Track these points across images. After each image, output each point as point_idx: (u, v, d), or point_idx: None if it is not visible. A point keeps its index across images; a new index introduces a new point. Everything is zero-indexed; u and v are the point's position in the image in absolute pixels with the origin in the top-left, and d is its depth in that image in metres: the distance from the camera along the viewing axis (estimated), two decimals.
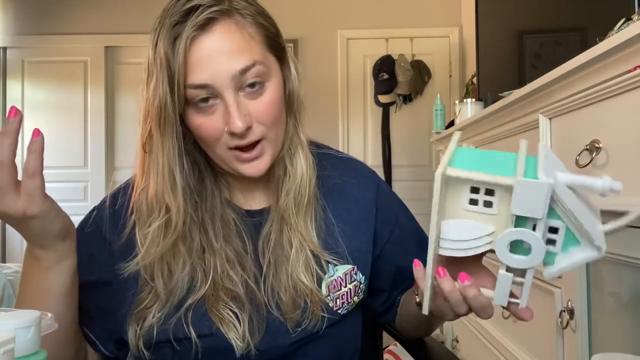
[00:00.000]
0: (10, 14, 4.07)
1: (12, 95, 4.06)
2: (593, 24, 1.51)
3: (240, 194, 0.82)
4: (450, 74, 3.94)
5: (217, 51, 0.67)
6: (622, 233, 0.95)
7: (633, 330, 0.98)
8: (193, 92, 0.68)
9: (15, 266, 2.37)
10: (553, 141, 1.20)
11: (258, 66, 0.69)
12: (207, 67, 0.67)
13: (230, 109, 0.67)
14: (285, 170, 0.78)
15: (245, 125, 0.68)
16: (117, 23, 4.03)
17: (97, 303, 0.76)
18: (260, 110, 0.70)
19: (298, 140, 0.79)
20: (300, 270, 0.75)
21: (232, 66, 0.67)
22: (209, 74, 0.67)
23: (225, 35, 0.68)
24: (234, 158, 0.72)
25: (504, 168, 0.50)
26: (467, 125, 2.00)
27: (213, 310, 0.72)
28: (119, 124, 4.11)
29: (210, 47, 0.67)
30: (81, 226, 0.80)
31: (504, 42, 2.32)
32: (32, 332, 0.45)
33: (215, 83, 0.67)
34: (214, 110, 0.69)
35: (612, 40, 0.92)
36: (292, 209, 0.77)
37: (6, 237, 4.05)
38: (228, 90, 0.68)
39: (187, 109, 0.70)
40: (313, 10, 3.92)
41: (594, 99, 1.00)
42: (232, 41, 0.68)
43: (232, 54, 0.67)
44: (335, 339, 0.80)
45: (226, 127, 0.69)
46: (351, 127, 4.01)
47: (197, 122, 0.70)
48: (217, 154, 0.73)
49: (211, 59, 0.67)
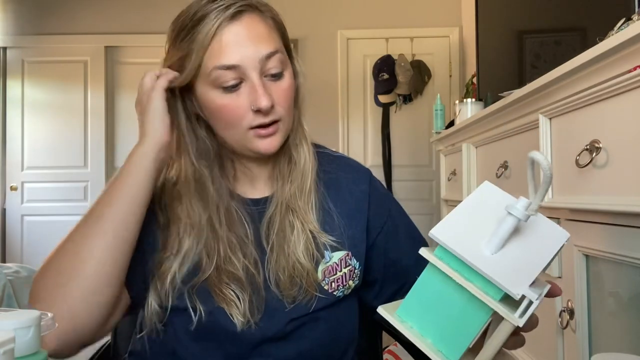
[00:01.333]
0: (10, 14, 4.07)
1: (12, 95, 4.06)
2: (593, 24, 1.51)
3: (245, 184, 0.86)
4: (450, 74, 3.95)
5: (245, 37, 0.75)
6: (622, 233, 0.96)
7: (633, 330, 0.98)
8: (222, 74, 0.74)
9: (15, 266, 2.37)
10: (553, 141, 1.20)
11: (279, 54, 0.77)
12: (237, 50, 0.74)
13: (258, 88, 0.74)
14: (290, 158, 0.84)
15: (270, 103, 0.75)
16: (117, 23, 4.03)
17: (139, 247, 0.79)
18: (280, 93, 0.77)
19: (302, 131, 0.85)
20: (299, 251, 0.79)
21: (259, 50, 0.75)
22: (239, 56, 0.74)
23: (252, 24, 0.76)
24: (253, 136, 0.78)
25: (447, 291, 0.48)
26: (467, 125, 2.00)
27: (216, 290, 0.77)
28: (119, 124, 4.11)
29: (239, 33, 0.75)
30: None
31: (504, 42, 2.32)
32: (32, 332, 0.45)
33: (244, 64, 0.74)
34: (239, 92, 0.76)
35: (612, 40, 0.92)
36: (297, 194, 0.82)
37: (6, 237, 4.06)
38: (254, 72, 0.75)
39: (210, 92, 0.76)
40: (313, 10, 3.92)
41: (594, 99, 1.00)
42: (258, 29, 0.76)
43: (259, 40, 0.75)
44: (331, 323, 0.84)
45: (252, 106, 0.75)
46: (351, 127, 4.01)
47: (221, 102, 0.76)
48: (236, 135, 0.78)
49: (240, 43, 0.74)
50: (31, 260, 3.80)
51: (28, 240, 4.04)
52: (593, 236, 1.06)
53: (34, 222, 4.05)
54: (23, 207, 4.06)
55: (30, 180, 4.05)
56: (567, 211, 1.16)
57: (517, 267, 0.47)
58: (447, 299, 0.48)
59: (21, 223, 4.05)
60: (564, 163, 1.13)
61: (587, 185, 1.03)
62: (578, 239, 1.12)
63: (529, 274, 0.46)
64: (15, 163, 4.06)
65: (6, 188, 4.06)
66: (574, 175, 1.08)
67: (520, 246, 0.49)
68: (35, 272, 2.32)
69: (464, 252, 0.46)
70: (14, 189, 4.05)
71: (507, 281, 0.45)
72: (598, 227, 1.04)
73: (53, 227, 4.01)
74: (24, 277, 2.24)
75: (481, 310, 0.47)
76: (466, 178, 2.00)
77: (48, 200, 4.03)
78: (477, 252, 0.47)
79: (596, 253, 1.06)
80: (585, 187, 1.04)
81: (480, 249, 0.47)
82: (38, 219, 4.05)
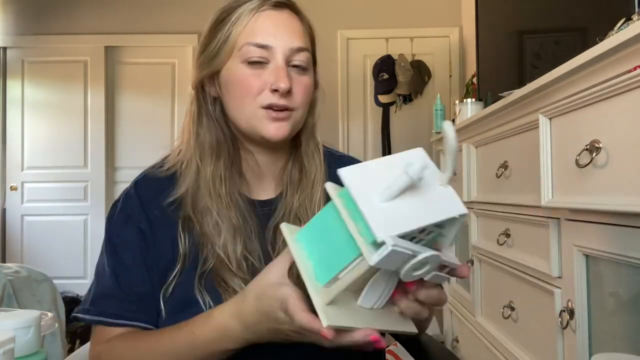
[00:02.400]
0: (10, 14, 4.07)
1: (12, 95, 4.07)
2: (593, 24, 1.51)
3: (253, 183, 0.87)
4: (450, 74, 3.94)
5: (283, 25, 0.80)
6: (622, 233, 0.96)
7: (633, 330, 0.98)
8: (252, 50, 0.78)
9: (15, 266, 2.37)
10: (553, 141, 1.20)
11: (307, 53, 0.82)
12: (272, 33, 0.78)
13: (281, 70, 0.78)
14: (301, 169, 0.85)
15: (289, 86, 0.77)
16: (117, 23, 4.03)
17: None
18: (300, 86, 0.81)
19: (315, 142, 0.88)
20: None
21: (292, 41, 0.79)
22: (272, 38, 0.78)
23: (291, 19, 0.81)
24: (263, 116, 0.79)
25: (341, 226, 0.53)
26: (467, 125, 2.00)
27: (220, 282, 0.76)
28: (119, 124, 4.11)
29: (278, 20, 0.80)
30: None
31: (504, 42, 2.32)
32: (32, 332, 0.46)
33: (275, 46, 0.78)
34: (263, 70, 0.79)
35: (612, 40, 0.92)
36: (306, 204, 0.83)
37: (6, 237, 4.06)
38: (282, 56, 0.78)
39: (235, 65, 0.79)
40: (313, 10, 3.87)
41: (594, 99, 1.00)
42: (295, 25, 0.81)
43: (294, 33, 0.80)
44: None
45: (272, 84, 0.77)
46: (351, 127, 4.01)
47: (244, 73, 0.79)
48: (248, 111, 0.80)
49: (277, 28, 0.79)
50: (31, 260, 3.80)
51: (28, 240, 4.04)
52: (593, 236, 1.06)
53: (34, 222, 4.05)
54: (23, 207, 4.06)
55: (30, 180, 4.05)
56: (567, 211, 1.16)
57: (395, 219, 0.49)
58: (334, 231, 0.54)
59: (21, 223, 4.05)
60: (564, 163, 1.13)
61: (587, 185, 1.03)
62: (578, 239, 1.12)
63: (401, 226, 0.49)
64: (15, 163, 4.06)
65: (6, 188, 4.06)
66: (574, 175, 1.08)
67: (410, 205, 0.51)
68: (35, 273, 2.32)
69: (357, 193, 0.50)
70: (14, 189, 4.05)
71: (378, 225, 0.48)
72: (598, 227, 1.04)
73: (53, 227, 4.01)
74: (24, 277, 2.24)
75: (355, 246, 0.51)
76: (466, 178, 2.00)
77: (48, 200, 4.03)
78: (368, 197, 0.50)
79: (596, 253, 1.06)
80: (585, 187, 1.04)
81: (373, 196, 0.51)
82: (38, 219, 4.05)
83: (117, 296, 0.79)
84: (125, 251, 0.81)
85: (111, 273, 0.80)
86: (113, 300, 0.79)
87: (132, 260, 0.80)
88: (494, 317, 1.75)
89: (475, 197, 1.93)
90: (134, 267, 0.80)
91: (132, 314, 0.78)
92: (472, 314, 1.99)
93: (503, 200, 1.60)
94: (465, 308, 2.12)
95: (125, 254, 0.80)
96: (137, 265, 0.80)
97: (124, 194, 0.86)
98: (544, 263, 1.29)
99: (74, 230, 3.99)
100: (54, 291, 2.33)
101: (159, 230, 0.81)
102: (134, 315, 0.78)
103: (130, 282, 0.79)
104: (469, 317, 2.03)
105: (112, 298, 0.79)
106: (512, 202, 1.51)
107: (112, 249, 0.82)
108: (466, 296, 2.09)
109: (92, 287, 0.82)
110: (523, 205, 1.43)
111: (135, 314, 0.78)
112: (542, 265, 1.29)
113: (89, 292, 0.82)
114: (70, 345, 2.79)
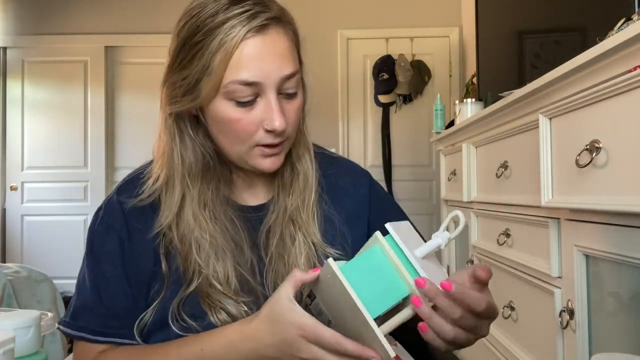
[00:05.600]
0: (10, 14, 4.07)
1: (12, 95, 4.07)
2: (593, 24, 1.51)
3: (243, 190, 0.84)
4: (450, 74, 3.94)
5: (270, 53, 0.70)
6: (622, 233, 0.96)
7: (633, 330, 0.98)
8: (238, 87, 0.70)
9: (15, 266, 2.37)
10: (553, 141, 1.20)
11: (297, 75, 0.74)
12: (259, 66, 0.70)
13: (275, 107, 0.71)
14: (292, 170, 0.82)
15: (284, 125, 0.72)
16: (117, 23, 4.03)
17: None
18: (292, 113, 0.75)
19: (306, 144, 0.83)
20: (301, 263, 0.77)
21: (281, 70, 0.71)
22: (260, 73, 0.70)
23: (277, 40, 0.71)
24: (257, 154, 0.75)
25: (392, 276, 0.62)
26: (467, 125, 2.00)
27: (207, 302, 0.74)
28: (119, 124, 4.11)
29: (263, 49, 0.70)
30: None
31: (504, 42, 2.32)
32: (32, 332, 0.46)
33: (264, 82, 0.70)
34: (253, 107, 0.72)
35: (612, 40, 0.92)
36: (299, 206, 0.80)
37: (6, 237, 4.06)
38: (272, 90, 0.71)
39: (222, 104, 0.72)
40: (313, 10, 3.91)
41: (594, 99, 1.00)
42: (283, 47, 0.72)
43: (282, 58, 0.71)
44: None
45: (265, 124, 0.72)
46: (351, 127, 4.01)
47: (234, 116, 0.72)
48: (240, 150, 0.75)
49: (263, 59, 0.70)
50: (31, 260, 3.80)
51: (28, 240, 4.04)
52: (593, 236, 1.06)
53: (34, 222, 4.05)
54: (23, 207, 4.06)
55: (30, 180, 4.05)
56: (567, 211, 1.16)
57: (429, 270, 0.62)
58: (380, 271, 0.61)
59: (21, 223, 4.05)
60: (564, 163, 1.13)
61: (587, 185, 1.03)
62: (578, 239, 1.12)
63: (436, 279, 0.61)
64: (15, 163, 4.06)
65: (6, 188, 4.06)
66: (574, 175, 1.08)
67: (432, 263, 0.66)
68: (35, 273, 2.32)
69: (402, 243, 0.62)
70: (14, 189, 4.05)
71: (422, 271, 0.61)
72: (598, 227, 1.04)
73: (53, 227, 4.01)
74: (24, 277, 2.24)
75: (400, 288, 0.60)
76: (466, 178, 2.00)
77: (48, 200, 4.03)
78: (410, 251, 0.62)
79: (596, 253, 1.06)
80: (585, 187, 1.04)
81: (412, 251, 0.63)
82: (38, 219, 4.05)
83: (98, 311, 0.76)
84: (106, 262, 0.78)
85: (92, 286, 0.78)
86: (94, 315, 0.77)
87: (114, 271, 0.77)
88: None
89: (475, 197, 1.93)
90: (115, 279, 0.77)
91: (114, 330, 0.76)
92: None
93: (503, 200, 1.60)
94: None
95: (107, 265, 0.78)
96: (118, 277, 0.77)
97: (105, 201, 0.83)
98: (544, 263, 1.29)
99: (74, 230, 3.99)
100: (54, 291, 2.33)
101: (139, 242, 0.78)
102: (116, 332, 0.76)
103: (110, 295, 0.77)
104: None
105: (92, 313, 0.77)
106: (512, 202, 1.51)
107: (93, 260, 0.79)
108: None
109: (73, 299, 0.80)
110: (523, 205, 1.43)
111: (118, 330, 0.76)
112: (542, 265, 1.29)
113: (70, 304, 0.80)
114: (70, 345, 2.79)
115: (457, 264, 2.30)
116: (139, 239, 0.78)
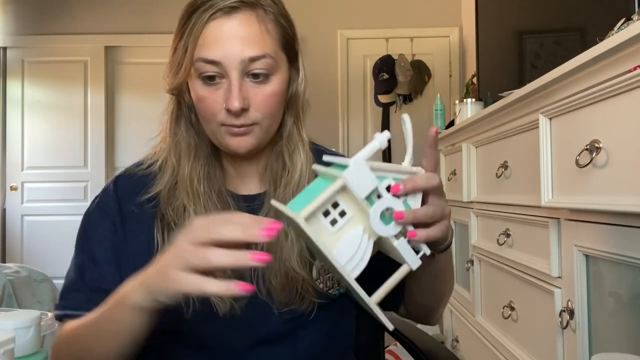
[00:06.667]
0: (10, 14, 4.07)
1: (12, 95, 4.07)
2: (593, 24, 1.51)
3: (235, 179, 0.86)
4: (450, 74, 3.95)
5: (233, 35, 0.73)
6: (622, 233, 0.96)
7: (633, 330, 0.98)
8: (203, 66, 0.74)
9: (15, 266, 2.37)
10: (553, 141, 1.20)
11: (267, 59, 0.75)
12: (221, 47, 0.73)
13: (233, 88, 0.73)
14: (284, 165, 0.83)
15: (241, 106, 0.73)
16: (117, 23, 4.03)
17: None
18: (260, 98, 0.76)
19: (299, 137, 0.84)
20: (293, 259, 0.77)
21: (243, 52, 0.73)
22: (221, 53, 0.73)
23: (244, 23, 0.74)
24: (224, 132, 0.77)
25: (326, 184, 0.58)
26: (467, 125, 2.00)
27: None
28: (119, 124, 4.11)
29: (227, 30, 0.73)
30: None
31: (504, 42, 2.32)
32: (32, 332, 0.46)
33: (225, 62, 0.73)
34: (219, 87, 0.75)
35: (612, 40, 0.92)
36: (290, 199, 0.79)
37: (6, 237, 4.06)
38: (235, 71, 0.74)
39: (193, 82, 0.76)
40: (313, 10, 3.91)
41: (594, 99, 1.00)
42: (250, 30, 0.74)
43: (246, 41, 0.74)
44: (327, 324, 0.82)
45: (224, 104, 0.74)
46: (351, 127, 4.01)
47: (201, 94, 0.76)
48: (210, 128, 0.78)
49: (225, 41, 0.73)
50: (31, 260, 3.80)
51: (28, 240, 4.04)
52: (593, 236, 1.06)
53: (34, 222, 4.05)
54: (23, 207, 4.06)
55: (30, 180, 4.05)
56: (567, 211, 1.16)
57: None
58: (320, 190, 0.58)
59: (21, 223, 4.06)
60: (564, 163, 1.13)
61: (587, 185, 1.03)
62: (578, 239, 1.12)
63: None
64: (15, 163, 4.06)
65: (6, 188, 4.06)
66: (574, 175, 1.08)
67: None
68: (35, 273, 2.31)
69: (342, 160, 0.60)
70: (14, 189, 4.05)
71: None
72: (598, 227, 1.04)
73: (53, 227, 4.01)
74: (24, 277, 2.24)
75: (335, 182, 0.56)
76: (466, 178, 2.00)
77: (48, 200, 4.03)
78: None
79: (596, 253, 1.06)
80: (585, 187, 1.04)
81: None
82: (38, 219, 4.05)
83: (81, 289, 0.79)
84: (97, 246, 0.81)
85: (79, 267, 0.81)
86: (77, 293, 0.79)
87: (103, 255, 0.80)
88: (494, 317, 1.75)
89: (475, 197, 1.93)
90: (103, 264, 0.79)
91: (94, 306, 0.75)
92: (472, 314, 1.99)
93: (503, 200, 1.60)
94: (465, 308, 2.12)
95: (97, 249, 0.80)
96: (107, 261, 0.79)
97: (103, 190, 0.87)
98: (544, 263, 1.29)
99: (74, 230, 3.93)
100: (54, 291, 2.33)
101: (134, 226, 0.80)
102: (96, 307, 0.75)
103: (94, 276, 0.79)
104: (469, 317, 2.03)
105: (76, 292, 0.79)
106: (512, 202, 1.51)
107: (83, 242, 0.83)
108: (466, 296, 2.09)
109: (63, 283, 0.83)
110: (523, 205, 1.43)
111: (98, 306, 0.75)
112: (542, 265, 1.29)
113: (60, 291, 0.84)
114: None
115: (457, 264, 2.30)
116: (132, 223, 0.81)
